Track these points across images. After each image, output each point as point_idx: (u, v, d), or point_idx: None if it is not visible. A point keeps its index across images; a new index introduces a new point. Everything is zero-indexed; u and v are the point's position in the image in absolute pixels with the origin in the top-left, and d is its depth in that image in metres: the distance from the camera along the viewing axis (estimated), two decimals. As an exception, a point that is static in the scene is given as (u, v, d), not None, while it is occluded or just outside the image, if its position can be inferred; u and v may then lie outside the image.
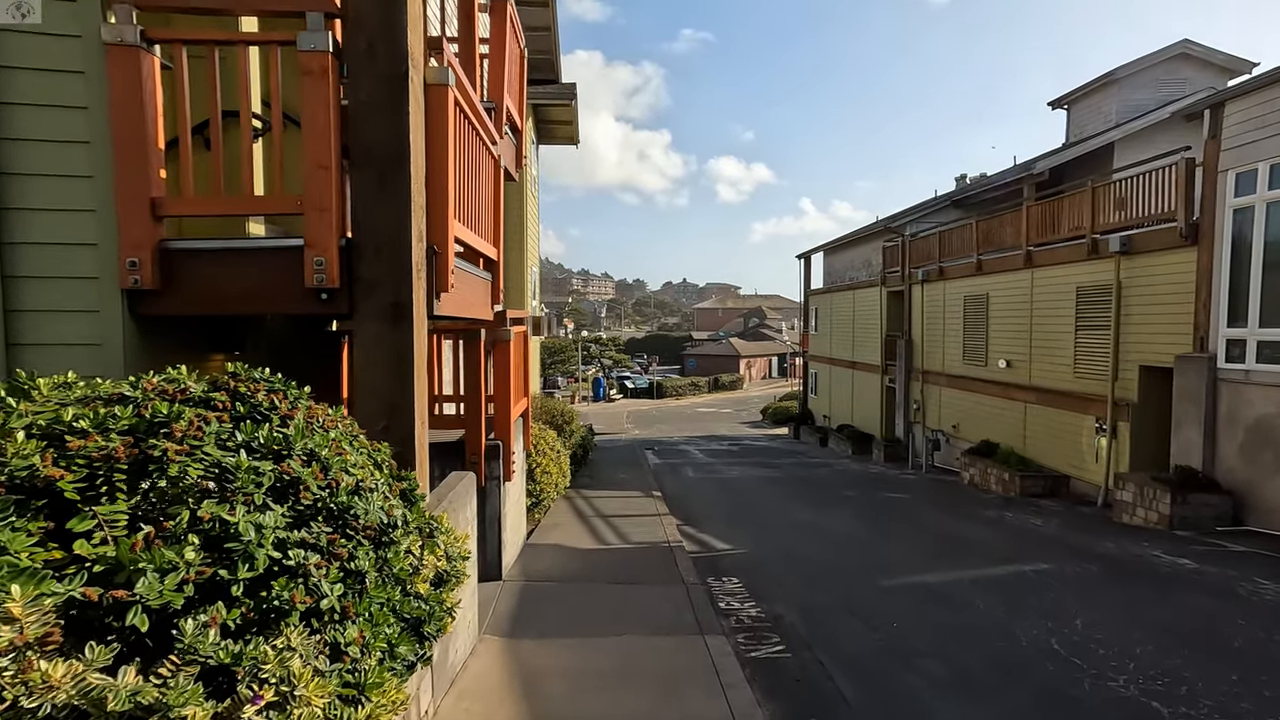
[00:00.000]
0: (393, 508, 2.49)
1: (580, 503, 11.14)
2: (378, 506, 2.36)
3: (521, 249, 14.77)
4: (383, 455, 2.85)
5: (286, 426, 2.27)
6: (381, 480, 2.61)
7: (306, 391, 2.66)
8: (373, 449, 2.80)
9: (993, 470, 14.76)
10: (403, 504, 2.75)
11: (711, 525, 10.39)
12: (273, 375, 2.57)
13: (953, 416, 18.59)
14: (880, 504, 12.99)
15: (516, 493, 7.14)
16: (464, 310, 4.90)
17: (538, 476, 9.05)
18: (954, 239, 18.61)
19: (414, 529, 2.64)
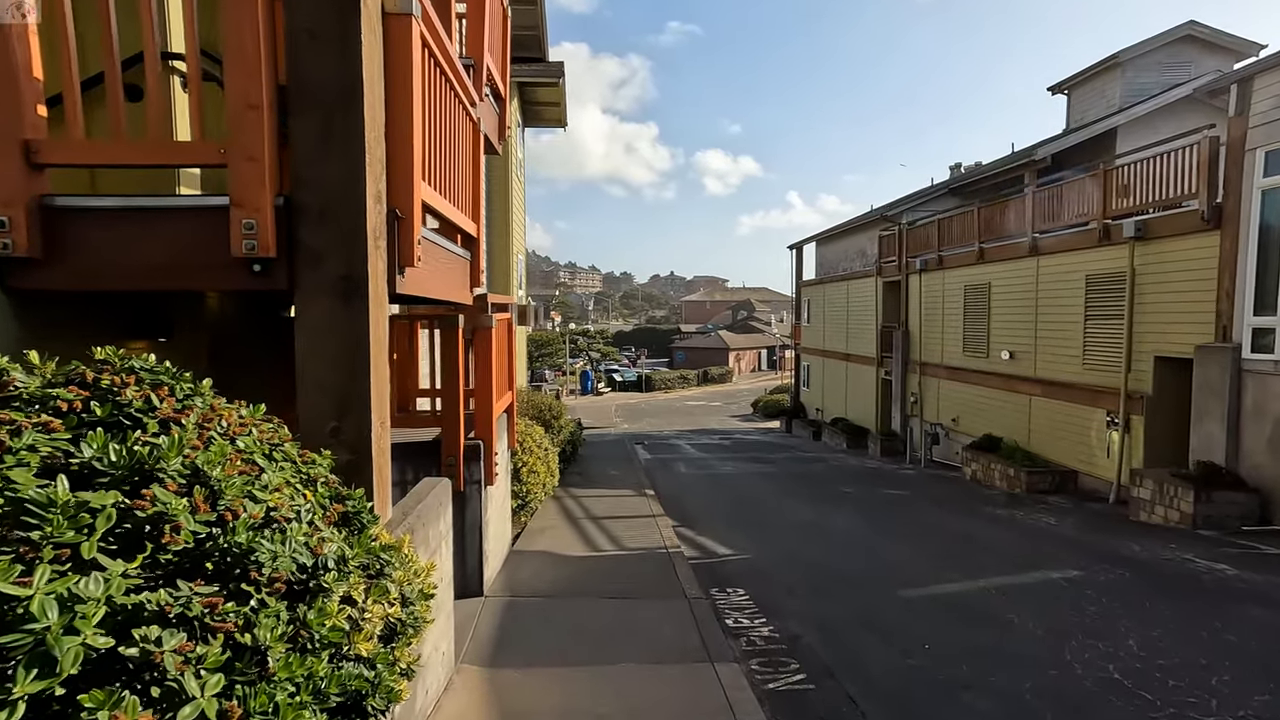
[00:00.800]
0: (323, 542, 1.83)
1: (570, 503, 10.50)
2: (297, 544, 1.70)
3: (507, 235, 14.05)
4: (319, 469, 2.18)
5: (163, 435, 1.61)
6: (310, 504, 1.94)
7: (208, 386, 1.99)
8: (303, 461, 2.14)
9: (996, 465, 14.27)
10: (343, 533, 2.09)
11: (709, 526, 9.78)
12: (162, 364, 1.90)
13: (952, 410, 18.11)
14: (883, 501, 12.46)
15: (500, 496, 6.48)
16: (437, 291, 4.22)
17: (524, 476, 8.39)
18: (954, 227, 18.08)
19: (355, 566, 1.98)
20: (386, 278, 3.22)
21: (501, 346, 6.37)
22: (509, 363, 6.78)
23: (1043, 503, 11.85)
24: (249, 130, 2.71)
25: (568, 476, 13.35)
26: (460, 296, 4.90)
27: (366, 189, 2.96)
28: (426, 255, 3.88)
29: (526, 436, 8.81)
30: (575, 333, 61.03)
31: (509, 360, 6.78)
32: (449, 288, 4.58)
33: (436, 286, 4.27)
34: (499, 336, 6.16)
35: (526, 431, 8.99)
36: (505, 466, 6.92)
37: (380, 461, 3.20)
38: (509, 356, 6.80)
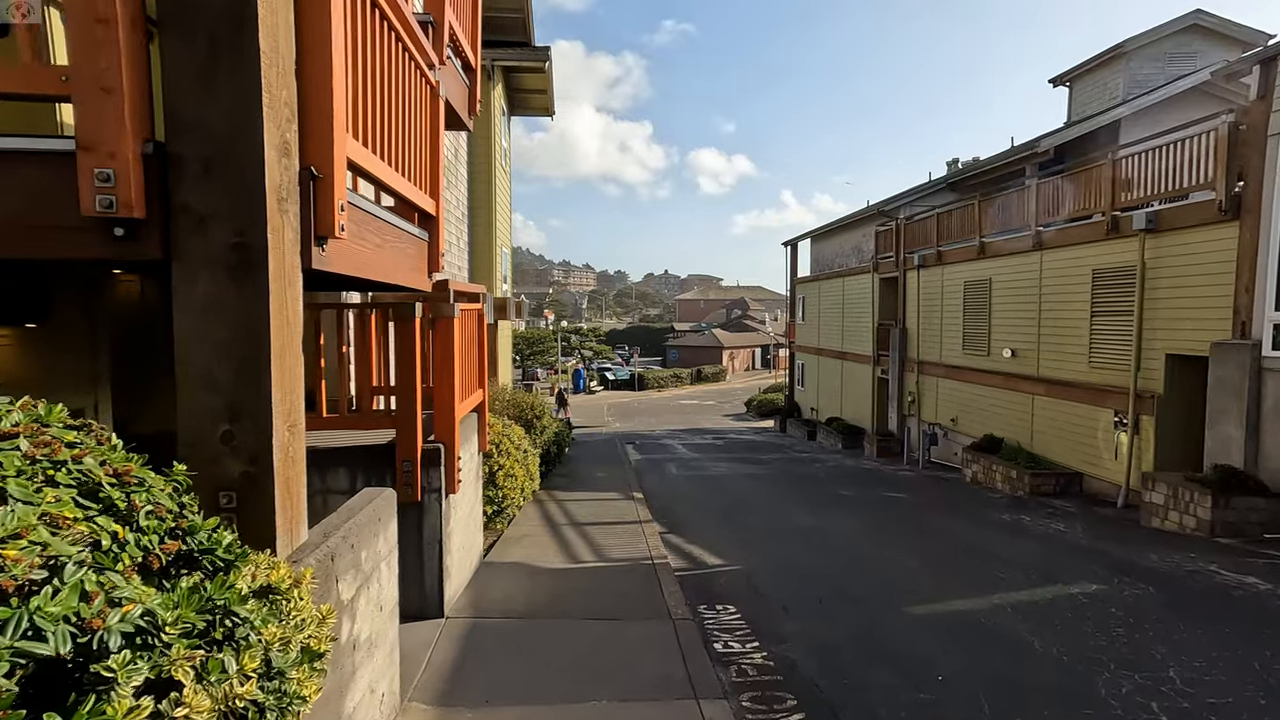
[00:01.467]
0: (114, 606, 1.25)
1: (552, 507, 9.92)
2: (47, 616, 1.12)
3: (490, 226, 13.46)
4: (147, 494, 1.59)
5: None
6: (110, 546, 1.36)
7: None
8: (123, 482, 1.55)
9: (998, 467, 13.77)
10: (179, 581, 1.51)
11: (699, 533, 9.23)
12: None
13: (951, 409, 17.62)
14: (882, 505, 11.93)
15: (467, 505, 5.89)
16: (384, 272, 3.64)
17: (500, 481, 7.81)
18: (953, 221, 17.58)
19: (178, 634, 1.39)
20: (298, 249, 2.64)
21: (469, 339, 5.79)
22: (479, 357, 6.20)
23: (1048, 506, 11.34)
24: (100, 53, 2.12)
25: (553, 478, 12.78)
26: (415, 281, 4.32)
27: (265, 137, 2.37)
28: (364, 229, 3.30)
29: (503, 438, 8.22)
30: (568, 330, 60.35)
31: (479, 355, 6.19)
32: (400, 270, 4.00)
33: (383, 267, 3.68)
34: (465, 328, 5.58)
35: (504, 432, 8.40)
36: (475, 471, 6.34)
37: (289, 473, 2.61)
38: (479, 351, 6.22)
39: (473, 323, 5.90)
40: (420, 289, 4.48)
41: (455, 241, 11.95)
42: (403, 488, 4.71)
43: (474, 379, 5.94)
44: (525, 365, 56.54)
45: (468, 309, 5.61)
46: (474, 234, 13.26)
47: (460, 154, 12.32)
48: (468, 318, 5.69)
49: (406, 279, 4.16)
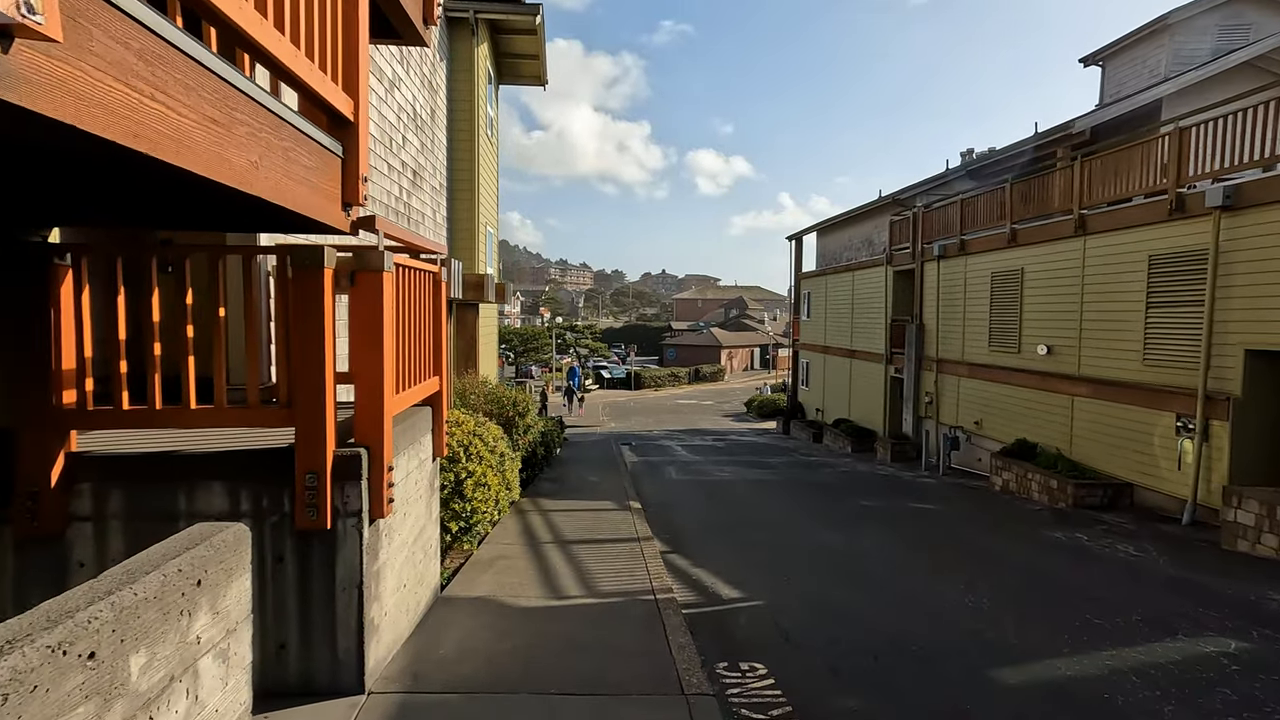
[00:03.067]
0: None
1: (536, 519, 8.51)
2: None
3: (472, 201, 12.03)
4: None
5: None
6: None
7: None
8: None
9: (1034, 476, 12.40)
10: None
11: (707, 553, 7.83)
12: None
13: (974, 411, 16.25)
14: (912, 518, 10.53)
15: (412, 529, 4.46)
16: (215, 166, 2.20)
17: (468, 492, 6.40)
18: (980, 207, 16.20)
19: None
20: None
21: (418, 309, 4.37)
22: (432, 335, 4.78)
23: (1100, 522, 9.98)
24: None
25: (539, 483, 11.37)
26: (318, 209, 2.91)
27: None
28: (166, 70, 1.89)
29: (474, 439, 6.81)
30: (563, 327, 58.87)
31: (432, 332, 4.78)
32: (285, 185, 2.58)
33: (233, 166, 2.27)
34: (410, 293, 4.16)
35: (476, 432, 6.99)
36: (427, 483, 4.91)
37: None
38: (433, 326, 4.80)
39: (423, 288, 4.48)
40: (327, 223, 3.06)
41: (431, 215, 10.52)
42: (303, 510, 3.29)
43: (423, 363, 4.52)
44: (519, 362, 55.06)
45: (413, 268, 4.19)
46: (454, 209, 11.84)
47: (439, 116, 10.89)
48: (414, 281, 4.27)
49: (298, 201, 2.74)
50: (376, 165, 7.81)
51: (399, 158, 8.74)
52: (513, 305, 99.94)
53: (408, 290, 4.12)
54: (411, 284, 4.19)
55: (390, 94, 8.20)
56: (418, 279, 4.37)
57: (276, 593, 3.37)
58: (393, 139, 8.43)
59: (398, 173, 8.70)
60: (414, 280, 4.26)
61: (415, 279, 4.29)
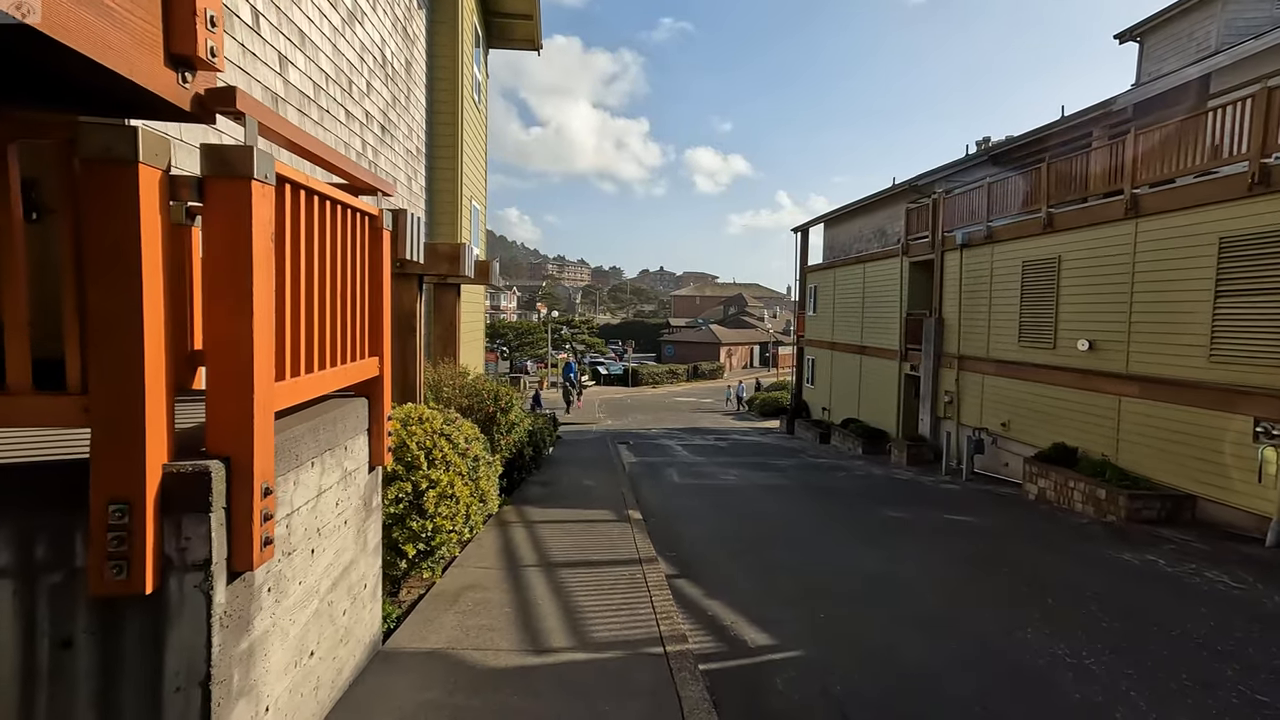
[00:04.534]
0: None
1: (519, 534, 7.23)
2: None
3: (454, 170, 10.72)
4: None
5: None
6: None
7: None
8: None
9: (1077, 484, 11.17)
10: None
11: (723, 579, 6.57)
12: None
13: (1001, 412, 15.01)
14: (951, 534, 9.27)
15: (323, 575, 3.15)
16: None
17: (430, 506, 5.11)
18: (1010, 191, 14.94)
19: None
20: None
21: (342, 259, 3.08)
22: (364, 299, 3.49)
23: (1163, 539, 8.74)
24: None
25: (528, 488, 10.09)
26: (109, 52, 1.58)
27: None
28: None
29: (440, 440, 5.52)
30: (559, 322, 57.47)
31: (363, 295, 3.48)
32: None
33: None
34: (327, 233, 2.87)
35: (443, 431, 5.70)
36: (359, 503, 3.60)
37: None
38: (368, 288, 3.51)
39: (350, 234, 3.18)
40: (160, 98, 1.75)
41: (406, 182, 9.22)
42: (104, 565, 1.99)
43: (349, 338, 3.23)
44: (514, 358, 53.73)
45: (330, 199, 2.88)
46: (434, 178, 10.53)
47: (416, 71, 9.57)
48: (335, 221, 2.98)
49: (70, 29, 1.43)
50: (330, 109, 6.51)
51: (362, 106, 7.44)
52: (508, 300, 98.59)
53: (321, 229, 2.83)
54: (328, 222, 2.89)
55: (349, 27, 6.89)
56: (341, 219, 3.07)
57: (55, 705, 2.07)
58: (353, 82, 7.12)
59: (360, 124, 7.40)
60: (333, 219, 2.97)
61: (336, 218, 3.00)
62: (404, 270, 7.13)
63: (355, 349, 3.36)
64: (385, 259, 3.68)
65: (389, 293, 3.79)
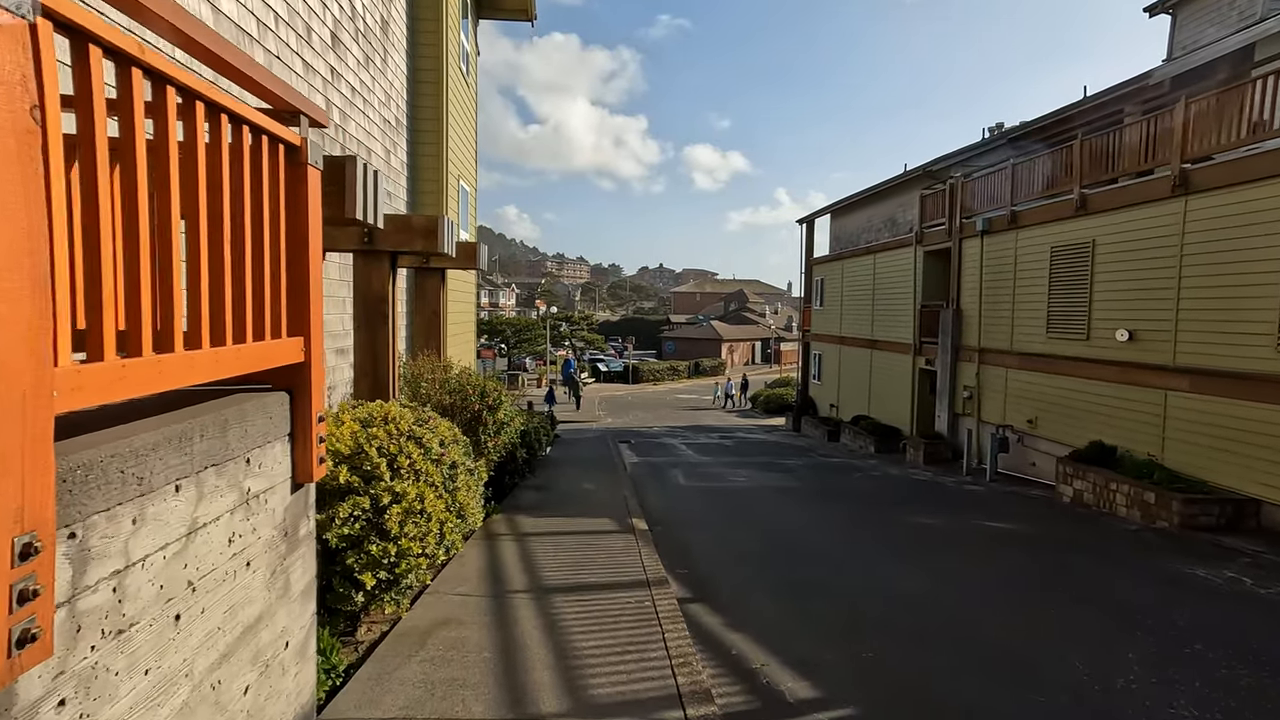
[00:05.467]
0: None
1: (507, 549, 6.31)
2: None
3: (439, 145, 9.78)
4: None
5: None
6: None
7: None
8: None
9: (1120, 487, 10.23)
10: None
11: (747, 605, 5.64)
12: None
13: (1027, 408, 14.08)
14: (993, 545, 8.34)
15: (186, 661, 2.20)
16: None
17: (392, 525, 4.17)
18: (1037, 172, 13.99)
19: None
20: None
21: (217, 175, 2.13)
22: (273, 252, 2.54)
23: (1234, 551, 7.82)
24: None
25: (521, 493, 9.18)
26: None
27: None
28: None
29: (407, 444, 4.58)
30: (558, 318, 56.44)
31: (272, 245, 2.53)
32: None
33: None
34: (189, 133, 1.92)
35: (412, 432, 4.77)
36: (274, 535, 2.64)
37: None
38: (279, 236, 2.56)
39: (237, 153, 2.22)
40: None
41: (383, 155, 8.29)
42: None
43: (247, 303, 2.29)
44: (512, 355, 52.74)
45: (177, 82, 1.92)
46: (417, 153, 9.57)
47: (394, 32, 8.63)
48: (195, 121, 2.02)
49: None
50: (282, 55, 5.55)
51: (325, 60, 6.48)
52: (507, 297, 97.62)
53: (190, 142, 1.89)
54: (200, 133, 1.94)
55: (306, -37, 5.93)
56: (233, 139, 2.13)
57: None
58: (313, 30, 6.16)
59: (323, 80, 6.44)
60: (214, 132, 2.02)
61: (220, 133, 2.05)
62: (372, 246, 6.18)
63: (262, 323, 2.42)
64: (312, 205, 2.74)
65: (318, 251, 2.84)
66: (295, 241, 2.67)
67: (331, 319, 6.68)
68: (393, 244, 6.17)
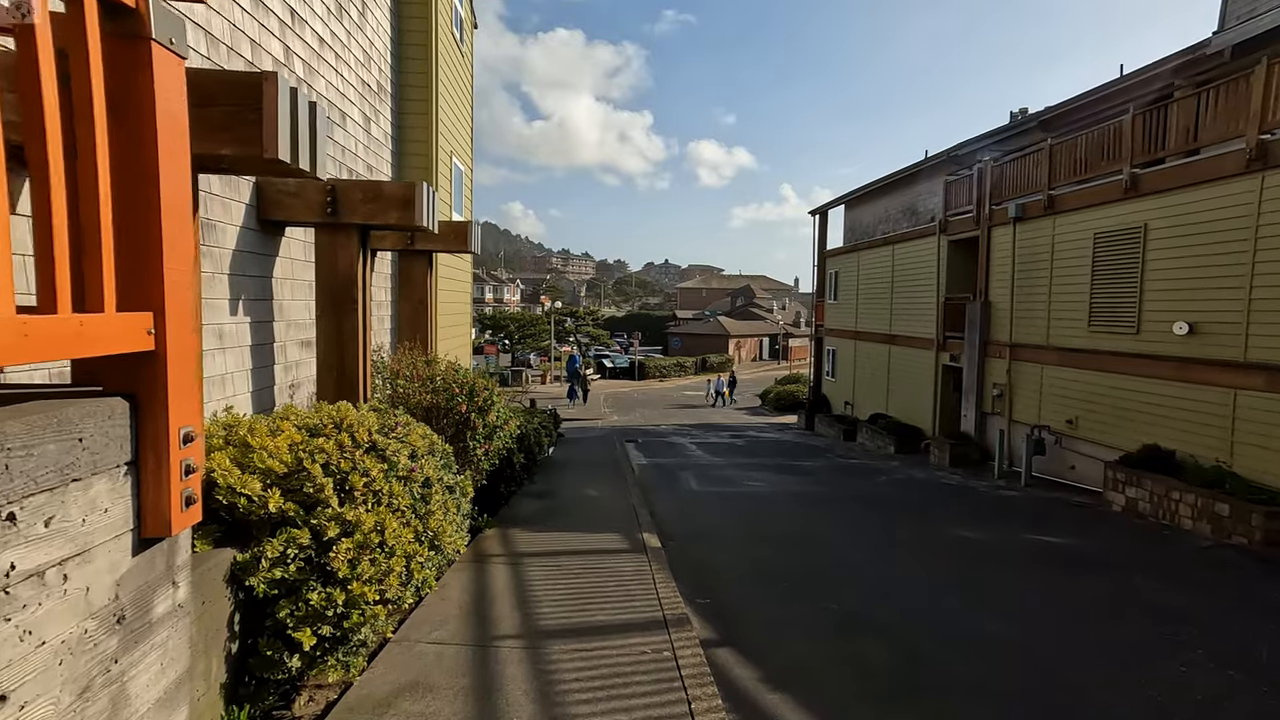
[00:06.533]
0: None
1: (498, 577, 5.35)
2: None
3: (428, 112, 8.82)
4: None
5: None
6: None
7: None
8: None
9: (1184, 496, 9.20)
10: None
11: (786, 650, 4.67)
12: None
13: (1065, 407, 13.04)
14: (1053, 565, 7.32)
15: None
16: None
17: (339, 566, 3.21)
18: (1081, 152, 12.92)
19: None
20: None
21: None
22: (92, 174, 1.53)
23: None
24: None
25: (519, 502, 8.23)
26: None
27: None
28: None
29: (362, 460, 3.62)
30: (563, 313, 55.47)
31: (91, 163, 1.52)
32: None
33: None
34: None
35: (373, 442, 3.81)
36: (107, 631, 1.69)
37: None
38: (91, 147, 1.55)
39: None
40: None
41: (362, 123, 7.32)
42: None
43: None
44: (515, 350, 51.82)
45: None
46: (403, 124, 8.59)
47: (373, -17, 7.63)
48: None
49: None
50: (222, -17, 4.57)
51: (285, 1, 5.50)
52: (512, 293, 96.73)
53: None
54: None
55: (255, -125, 4.95)
56: None
57: None
58: (266, -41, 5.18)
59: (280, 22, 5.46)
60: None
61: None
62: (337, 219, 5.21)
63: (66, 285, 1.44)
64: (164, 110, 1.75)
65: (183, 182, 1.86)
66: (133, 163, 1.69)
67: (297, 305, 5.73)
68: (362, 215, 5.20)
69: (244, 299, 4.90)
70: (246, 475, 3.19)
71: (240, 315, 4.85)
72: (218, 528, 3.11)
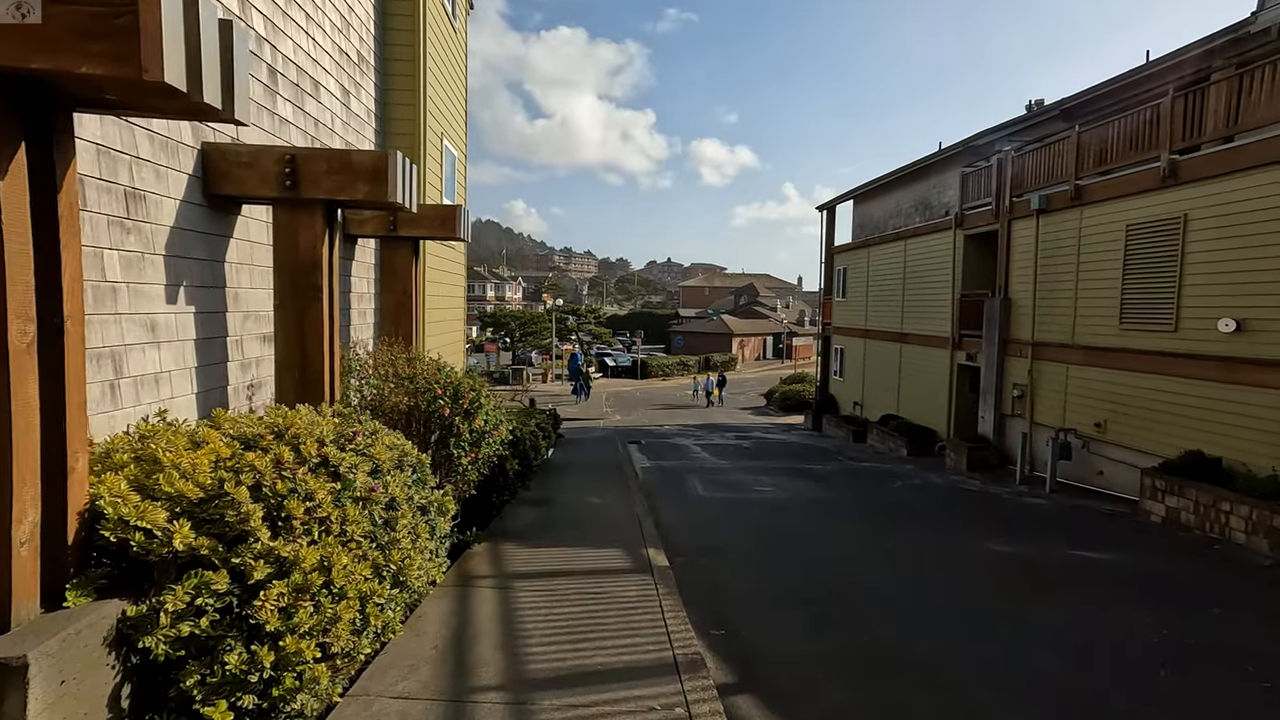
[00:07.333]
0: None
1: (484, 605, 4.66)
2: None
3: (415, 88, 8.12)
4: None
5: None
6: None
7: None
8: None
9: (1236, 507, 8.49)
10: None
11: (815, 692, 4.00)
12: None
13: (1093, 409, 12.32)
14: (1101, 586, 6.61)
15: None
16: None
17: (268, 617, 2.51)
18: (1112, 138, 12.19)
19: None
20: None
21: None
22: None
23: None
24: None
25: (513, 512, 7.57)
26: None
27: None
28: None
29: (306, 480, 2.92)
30: (564, 311, 54.78)
31: None
32: None
33: None
34: None
35: (321, 457, 3.11)
36: None
37: None
38: None
39: None
40: None
41: (341, 96, 6.64)
42: None
43: None
44: (516, 348, 51.16)
45: None
46: (388, 100, 7.90)
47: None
48: None
49: None
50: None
51: (238, -58, 4.79)
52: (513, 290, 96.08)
53: None
54: None
55: None
56: None
57: None
58: (215, -107, 4.47)
59: (233, -33, 4.76)
60: None
61: None
62: (297, 193, 4.51)
63: None
64: None
65: None
66: None
67: (258, 294, 5.04)
68: (327, 189, 4.50)
69: (186, 285, 4.21)
70: (148, 503, 2.50)
71: (181, 304, 4.16)
72: (104, 572, 2.41)
